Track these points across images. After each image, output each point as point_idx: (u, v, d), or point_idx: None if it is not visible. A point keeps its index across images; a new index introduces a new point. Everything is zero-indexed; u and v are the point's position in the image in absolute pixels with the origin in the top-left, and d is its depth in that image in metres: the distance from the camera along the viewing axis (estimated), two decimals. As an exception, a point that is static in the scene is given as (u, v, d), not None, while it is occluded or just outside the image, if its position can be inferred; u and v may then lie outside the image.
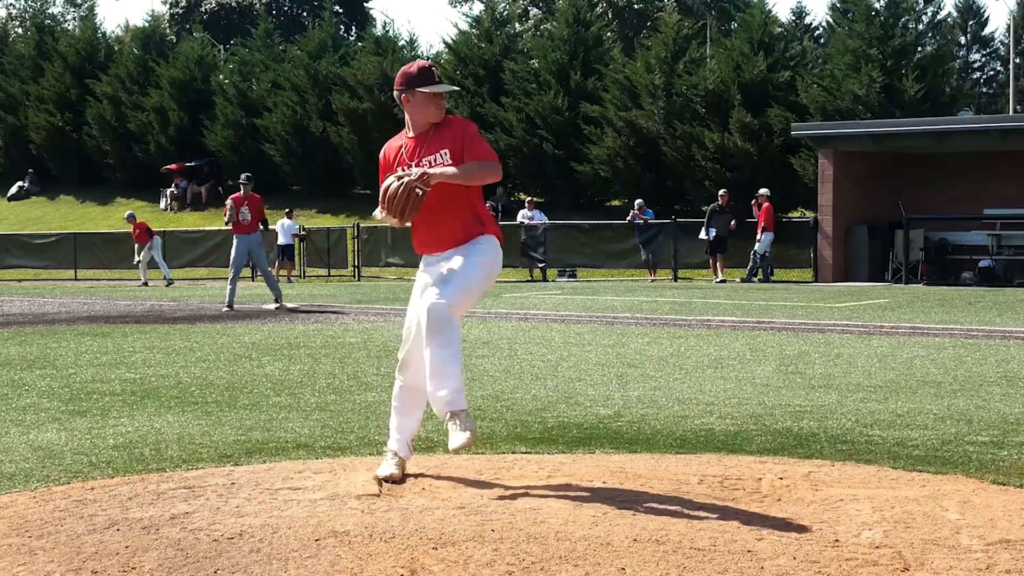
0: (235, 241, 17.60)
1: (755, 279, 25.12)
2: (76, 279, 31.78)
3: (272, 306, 17.61)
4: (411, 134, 5.14)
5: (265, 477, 5.26)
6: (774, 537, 4.16)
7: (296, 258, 30.37)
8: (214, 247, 31.28)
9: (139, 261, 28.19)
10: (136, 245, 28.26)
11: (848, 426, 6.67)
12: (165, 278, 27.48)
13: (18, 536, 4.29)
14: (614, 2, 59.45)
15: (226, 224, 17.92)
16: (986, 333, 12.73)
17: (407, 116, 5.15)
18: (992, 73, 58.68)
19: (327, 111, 36.63)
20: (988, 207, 24.97)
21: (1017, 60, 46.54)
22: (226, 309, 17.26)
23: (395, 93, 5.17)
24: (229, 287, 17.68)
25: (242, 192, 17.65)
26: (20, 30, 58.52)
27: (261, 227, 17.85)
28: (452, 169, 4.92)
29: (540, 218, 28.35)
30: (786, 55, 31.96)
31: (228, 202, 17.68)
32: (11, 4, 71.15)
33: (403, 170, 5.05)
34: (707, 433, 6.46)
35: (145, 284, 27.28)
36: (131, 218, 28.67)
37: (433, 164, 5.02)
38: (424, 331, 4.88)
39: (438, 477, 5.20)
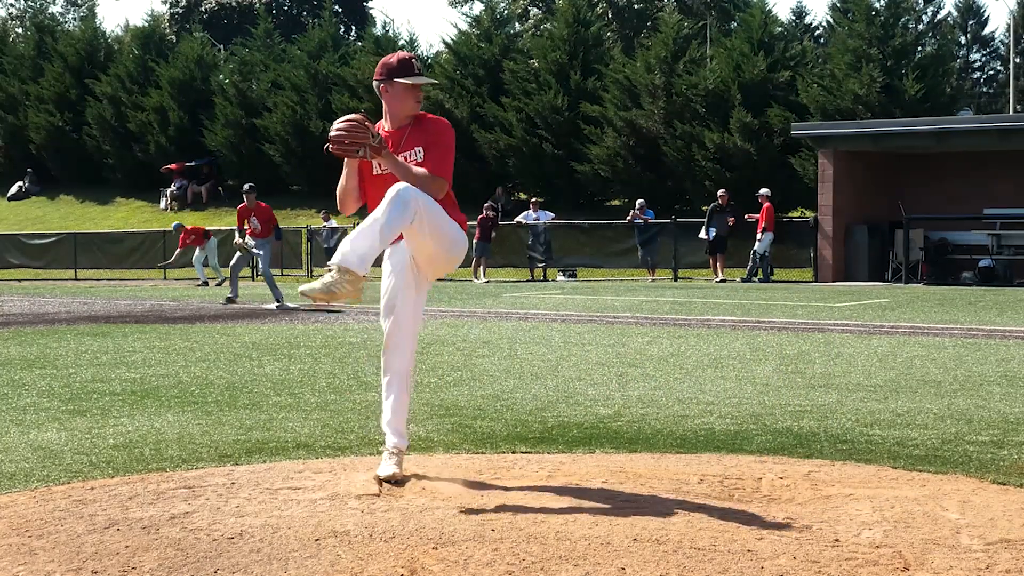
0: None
1: (755, 279, 25.12)
2: (76, 279, 31.76)
3: (272, 306, 17.72)
4: (388, 127, 5.15)
5: (265, 477, 5.26)
6: (774, 537, 4.16)
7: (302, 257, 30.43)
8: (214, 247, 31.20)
9: (195, 259, 27.66)
10: (179, 251, 27.92)
11: (848, 426, 6.67)
12: (219, 279, 26.45)
13: (18, 536, 4.29)
14: (614, 2, 59.38)
15: (242, 242, 17.96)
16: (986, 333, 12.72)
17: (385, 107, 5.15)
18: (992, 73, 58.58)
19: (327, 111, 36.58)
20: (988, 207, 24.96)
21: (1017, 60, 46.47)
22: (225, 300, 18.07)
23: (374, 83, 5.19)
24: (230, 282, 18.49)
25: (247, 202, 17.85)
26: (20, 30, 58.50)
27: (275, 236, 18.24)
28: (405, 168, 4.92)
29: (546, 219, 28.32)
30: (786, 55, 31.94)
31: (240, 218, 18.00)
32: (11, 4, 71.16)
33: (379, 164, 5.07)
34: (707, 433, 6.45)
35: (205, 283, 26.71)
36: (179, 228, 28.14)
37: (407, 160, 5.05)
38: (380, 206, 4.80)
39: (438, 477, 5.20)
